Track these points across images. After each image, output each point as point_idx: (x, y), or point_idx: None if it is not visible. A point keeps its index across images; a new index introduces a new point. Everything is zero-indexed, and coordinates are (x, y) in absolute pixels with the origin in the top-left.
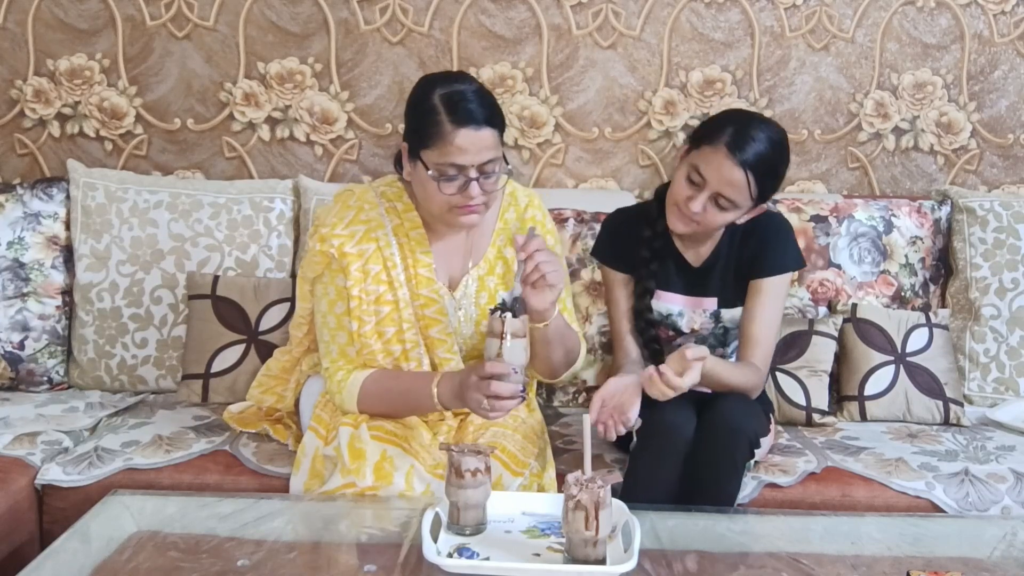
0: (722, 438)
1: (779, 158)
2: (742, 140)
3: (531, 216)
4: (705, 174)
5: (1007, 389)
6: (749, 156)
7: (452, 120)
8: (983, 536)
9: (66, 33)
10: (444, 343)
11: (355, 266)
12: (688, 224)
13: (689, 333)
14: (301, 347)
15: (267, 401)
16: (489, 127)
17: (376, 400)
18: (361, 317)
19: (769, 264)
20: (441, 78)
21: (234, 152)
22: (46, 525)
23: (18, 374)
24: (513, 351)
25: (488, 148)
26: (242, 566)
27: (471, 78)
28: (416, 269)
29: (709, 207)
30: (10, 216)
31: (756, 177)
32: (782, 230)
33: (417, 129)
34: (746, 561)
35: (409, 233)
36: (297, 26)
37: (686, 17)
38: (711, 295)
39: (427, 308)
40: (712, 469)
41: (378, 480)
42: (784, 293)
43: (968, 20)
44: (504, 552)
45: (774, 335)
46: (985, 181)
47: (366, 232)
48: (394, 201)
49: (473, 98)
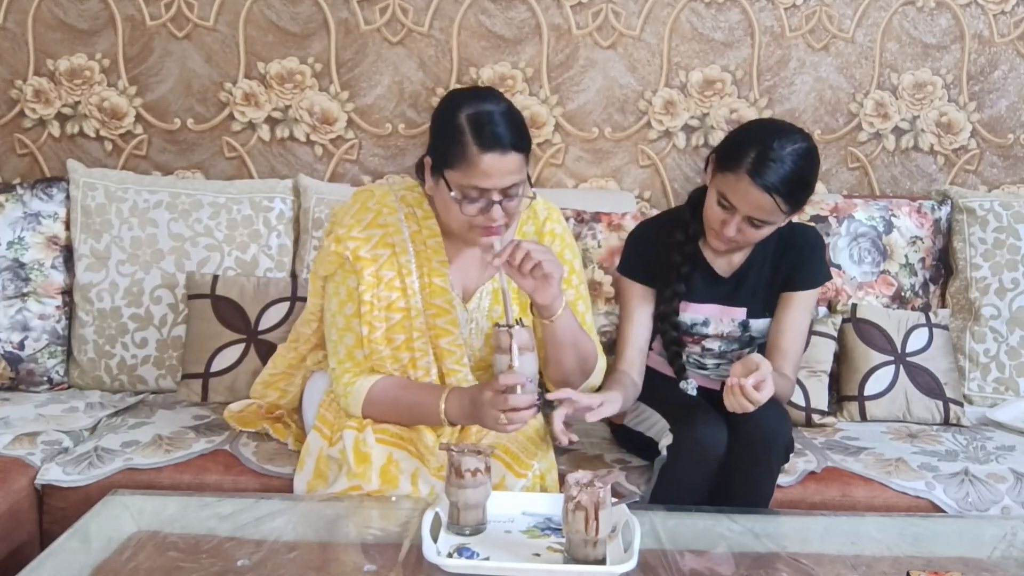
0: (759, 444)
1: (807, 171)
2: (763, 165)
3: (550, 230)
4: (733, 201)
5: (1007, 389)
6: (773, 181)
7: (478, 144)
8: (983, 536)
9: (66, 33)
10: (453, 354)
11: (368, 271)
12: (728, 244)
13: (715, 337)
14: (308, 344)
15: (270, 396)
16: (516, 151)
17: (381, 409)
18: (372, 323)
19: (804, 279)
20: (469, 96)
21: (234, 152)
22: (46, 525)
23: (18, 374)
24: (524, 363)
25: (513, 172)
26: (242, 566)
27: (499, 96)
28: (431, 278)
29: (744, 227)
30: (10, 216)
31: (784, 197)
32: (818, 246)
33: (442, 148)
34: (746, 561)
35: (427, 241)
36: (297, 26)
37: (686, 17)
38: (740, 305)
39: (439, 318)
40: (748, 474)
41: (384, 484)
42: (813, 306)
43: (968, 20)
44: (504, 552)
45: (802, 346)
46: (985, 181)
47: (382, 237)
48: (414, 207)
49: (501, 120)
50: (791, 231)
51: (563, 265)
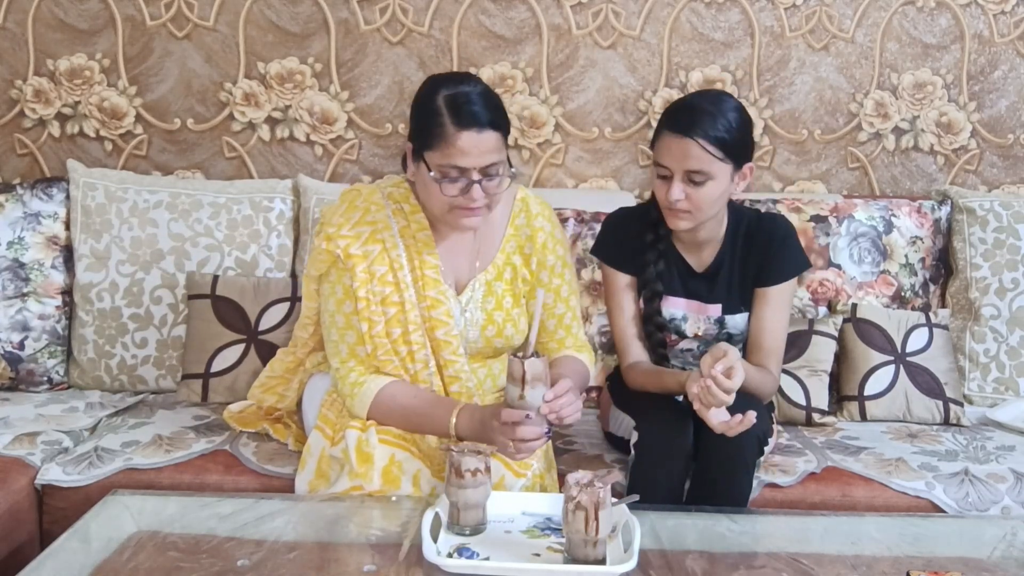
0: (732, 439)
1: (724, 111)
2: (677, 115)
3: (540, 226)
4: (666, 163)
5: (1007, 389)
6: (686, 124)
7: (455, 122)
8: (983, 536)
9: (66, 33)
10: (450, 344)
11: (361, 267)
12: (684, 217)
13: (692, 337)
14: (306, 348)
15: (268, 400)
16: (492, 129)
17: (388, 414)
18: (371, 318)
19: (775, 272)
20: (446, 79)
21: (234, 152)
22: (46, 525)
23: (18, 374)
24: (534, 395)
25: (491, 151)
26: (242, 566)
27: (476, 79)
28: (423, 270)
29: (688, 190)
30: (10, 216)
31: (708, 140)
32: (785, 235)
33: (420, 130)
34: (746, 561)
35: (416, 235)
36: (297, 26)
37: (686, 17)
38: (715, 301)
39: (433, 310)
40: (723, 470)
41: (386, 484)
42: (791, 297)
43: (968, 20)
44: (504, 552)
45: (784, 339)
46: (985, 181)
47: (372, 233)
48: (401, 203)
49: (477, 100)
50: (758, 222)
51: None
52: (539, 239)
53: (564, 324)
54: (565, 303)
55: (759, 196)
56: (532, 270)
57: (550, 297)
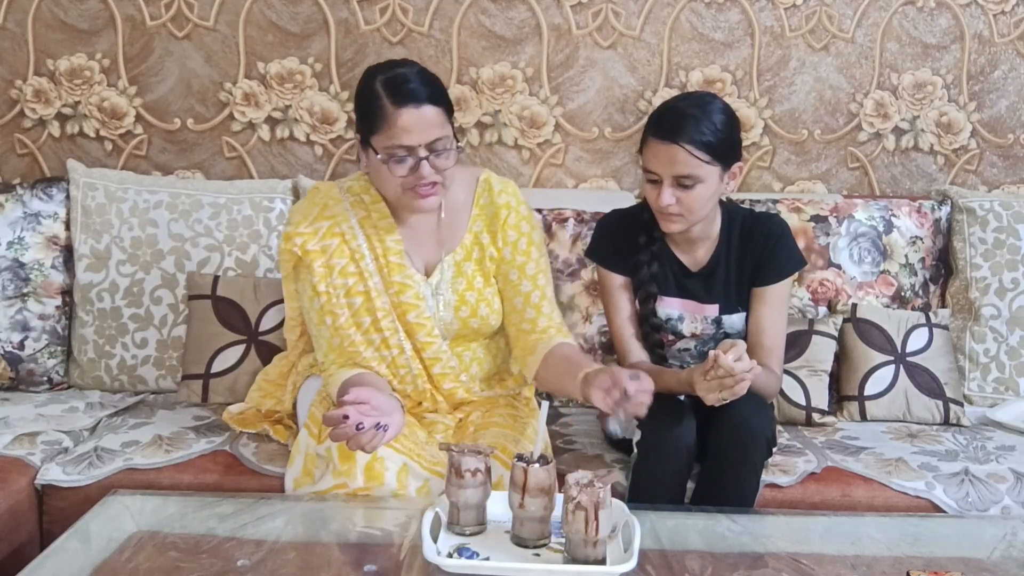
0: (740, 440)
1: (709, 114)
2: (660, 121)
3: (504, 203)
4: (654, 168)
5: (1007, 389)
6: (671, 129)
7: (393, 101)
8: (983, 536)
9: (66, 33)
10: (424, 327)
11: (318, 263)
12: (675, 220)
13: (690, 337)
14: (296, 350)
15: (266, 404)
16: (431, 104)
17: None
18: (333, 311)
19: (771, 272)
20: (383, 66)
21: (234, 152)
22: (46, 525)
23: (18, 374)
24: (535, 504)
25: (433, 126)
26: (242, 566)
27: (413, 63)
28: (387, 257)
29: (678, 194)
30: (10, 216)
31: (695, 144)
32: (780, 234)
33: (363, 117)
34: (746, 561)
35: (378, 224)
36: (297, 26)
37: (686, 17)
38: (712, 302)
39: (402, 294)
40: (731, 471)
41: (369, 481)
42: (788, 295)
43: (968, 20)
44: (504, 552)
45: (783, 338)
46: (985, 181)
47: (330, 227)
48: (360, 194)
49: (414, 78)
50: (753, 221)
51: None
52: (502, 215)
53: (532, 303)
54: (532, 281)
55: (759, 196)
56: (498, 247)
57: (515, 274)
